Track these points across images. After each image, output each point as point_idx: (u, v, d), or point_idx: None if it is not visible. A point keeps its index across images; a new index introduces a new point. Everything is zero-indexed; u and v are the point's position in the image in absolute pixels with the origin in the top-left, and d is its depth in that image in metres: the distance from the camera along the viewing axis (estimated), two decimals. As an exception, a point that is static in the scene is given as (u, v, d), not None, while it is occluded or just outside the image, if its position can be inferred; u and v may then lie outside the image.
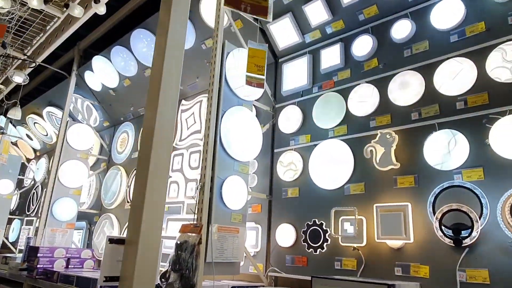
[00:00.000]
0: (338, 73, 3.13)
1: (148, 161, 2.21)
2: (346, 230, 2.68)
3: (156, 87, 2.40)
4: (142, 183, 2.20)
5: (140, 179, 2.24)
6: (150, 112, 2.36)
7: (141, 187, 2.20)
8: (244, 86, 3.13)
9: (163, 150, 2.39)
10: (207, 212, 2.74)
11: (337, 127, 3.00)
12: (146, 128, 2.34)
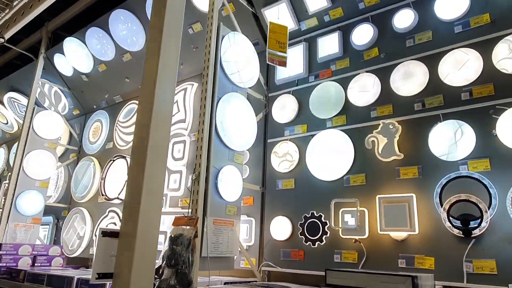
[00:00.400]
0: (336, 62, 3.05)
1: (146, 146, 2.01)
2: (347, 222, 2.60)
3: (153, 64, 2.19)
4: (138, 170, 2.00)
5: (136, 165, 2.03)
6: (147, 93, 2.16)
7: (138, 174, 2.00)
8: (239, 72, 2.98)
9: (162, 133, 2.20)
10: (202, 203, 2.57)
11: (335, 117, 2.92)
12: (143, 110, 2.13)
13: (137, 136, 2.08)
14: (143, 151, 2.02)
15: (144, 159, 2.00)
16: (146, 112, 2.09)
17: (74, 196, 4.94)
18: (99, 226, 4.42)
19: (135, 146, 2.07)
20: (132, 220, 1.94)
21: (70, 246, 4.67)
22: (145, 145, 2.04)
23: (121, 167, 4.43)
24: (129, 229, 1.94)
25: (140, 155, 2.03)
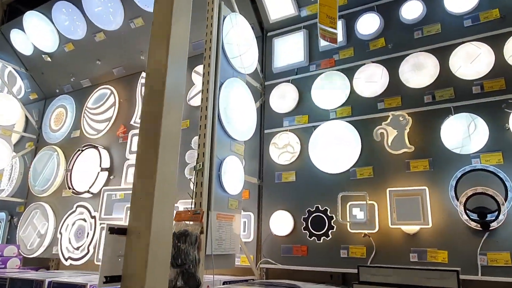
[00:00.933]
0: (339, 52, 2.95)
1: (158, 131, 1.77)
2: (355, 216, 2.52)
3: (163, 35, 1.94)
4: (150, 158, 1.76)
5: (147, 154, 1.79)
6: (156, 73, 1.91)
7: (150, 163, 1.76)
8: (241, 56, 2.78)
9: (175, 114, 1.96)
10: (207, 196, 2.35)
11: (340, 107, 2.82)
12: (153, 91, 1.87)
13: (147, 121, 1.83)
14: (155, 138, 1.78)
15: (157, 146, 1.76)
16: (157, 93, 1.85)
17: (33, 190, 4.43)
18: (65, 222, 3.99)
19: (145, 132, 1.82)
20: (144, 214, 1.70)
21: (29, 245, 4.18)
22: (158, 130, 1.79)
23: (92, 157, 4.03)
24: (141, 224, 1.70)
25: (152, 143, 1.79)
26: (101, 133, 4.13)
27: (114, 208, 3.70)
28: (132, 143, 3.84)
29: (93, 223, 3.78)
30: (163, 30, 1.92)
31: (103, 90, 4.33)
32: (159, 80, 1.88)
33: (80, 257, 3.72)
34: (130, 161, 3.77)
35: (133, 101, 4.03)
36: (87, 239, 3.75)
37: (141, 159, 1.79)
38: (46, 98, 4.98)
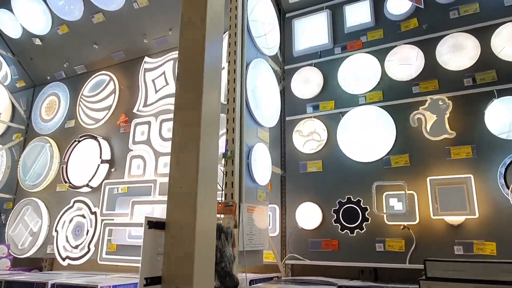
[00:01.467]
0: (367, 33, 2.77)
1: (198, 116, 1.55)
2: (393, 207, 2.36)
3: (199, 6, 1.72)
4: (191, 146, 1.54)
5: (187, 137, 1.57)
6: (193, 54, 1.69)
7: (191, 146, 1.54)
8: (266, 36, 2.56)
9: (214, 95, 1.74)
10: (238, 187, 2.13)
11: (370, 92, 2.65)
12: (189, 71, 1.65)
13: (184, 105, 1.61)
14: (195, 122, 1.56)
15: (198, 132, 1.54)
16: (195, 73, 1.63)
17: (23, 185, 4.09)
18: (61, 219, 3.68)
19: (183, 116, 1.60)
20: (187, 205, 1.48)
21: (20, 244, 3.85)
22: (198, 113, 1.57)
23: (90, 149, 3.73)
24: (183, 217, 1.48)
25: (191, 128, 1.56)
26: (100, 123, 3.83)
27: (117, 203, 3.42)
28: (135, 133, 3.56)
29: (94, 219, 3.49)
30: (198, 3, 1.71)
31: (101, 76, 4.01)
32: (197, 59, 1.67)
33: (80, 257, 3.43)
34: (134, 152, 3.49)
35: (135, 88, 3.75)
36: (87, 237, 3.46)
37: (180, 145, 1.57)
38: (35, 86, 4.61)
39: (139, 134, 3.55)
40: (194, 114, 1.57)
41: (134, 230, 3.20)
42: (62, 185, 3.88)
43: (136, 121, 3.60)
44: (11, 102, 4.49)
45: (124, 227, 3.23)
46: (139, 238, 3.15)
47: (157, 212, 3.18)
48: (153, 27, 3.61)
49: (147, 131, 3.50)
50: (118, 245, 3.28)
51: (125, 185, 3.43)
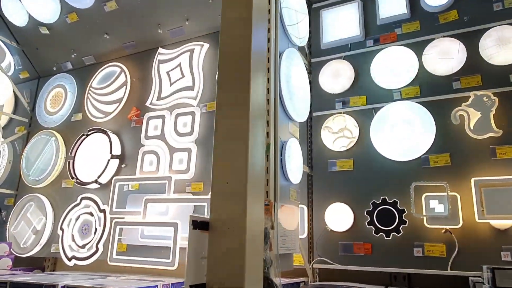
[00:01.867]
0: (402, 25, 2.62)
1: (247, 105, 1.40)
2: (433, 209, 2.20)
3: None
4: (238, 134, 1.39)
5: (234, 129, 1.41)
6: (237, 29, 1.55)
7: (238, 139, 1.38)
8: (298, 25, 2.40)
9: (261, 83, 1.59)
10: (273, 185, 1.97)
11: (406, 87, 2.50)
12: (234, 56, 1.51)
13: (229, 96, 1.46)
14: (243, 113, 1.40)
15: (246, 123, 1.39)
16: (242, 60, 1.48)
17: (27, 180, 3.89)
18: (67, 217, 3.49)
19: (227, 109, 1.44)
20: (235, 204, 1.31)
21: (23, 243, 3.65)
22: (246, 102, 1.41)
23: (99, 143, 3.54)
24: (230, 217, 1.31)
25: (239, 120, 1.41)
26: (110, 116, 3.65)
27: (128, 200, 3.24)
28: (148, 127, 3.38)
29: (103, 217, 3.30)
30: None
31: (112, 68, 3.83)
32: (244, 43, 1.52)
33: (87, 257, 3.24)
34: (146, 147, 3.31)
35: (148, 80, 3.57)
36: (95, 236, 3.27)
37: (226, 136, 1.40)
38: (39, 77, 4.41)
39: (152, 129, 3.37)
40: (242, 104, 1.41)
41: (147, 229, 3.02)
42: (68, 181, 3.68)
43: (149, 115, 3.42)
44: (14, 94, 4.28)
45: (136, 226, 3.05)
46: (153, 238, 2.97)
47: (172, 211, 3.00)
48: (168, 17, 3.44)
49: (160, 125, 3.32)
50: (129, 245, 3.10)
51: (137, 182, 3.25)
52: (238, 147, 1.35)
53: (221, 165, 1.36)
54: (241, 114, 1.39)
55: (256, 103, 1.46)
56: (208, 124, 3.13)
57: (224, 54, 1.52)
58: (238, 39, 1.52)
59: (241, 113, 1.39)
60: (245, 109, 1.40)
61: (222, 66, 1.50)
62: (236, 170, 1.33)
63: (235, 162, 1.34)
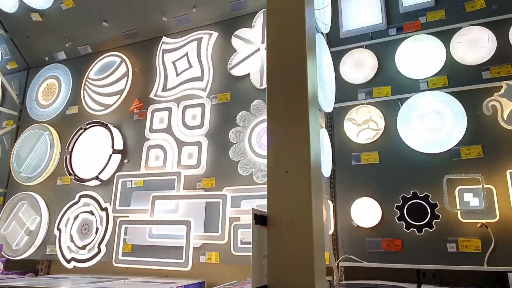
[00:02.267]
0: (426, 13, 2.53)
1: (304, 93, 1.28)
2: (468, 202, 2.12)
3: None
4: (298, 129, 1.25)
5: (291, 118, 1.28)
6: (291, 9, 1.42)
7: (297, 127, 1.25)
8: (325, 9, 2.28)
9: (314, 69, 1.46)
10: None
11: (433, 77, 2.41)
12: (287, 32, 1.38)
13: (283, 80, 1.33)
14: (302, 98, 1.28)
15: (306, 108, 1.26)
16: (297, 44, 1.36)
17: (17, 177, 3.63)
18: (64, 216, 3.25)
19: (284, 94, 1.31)
20: (297, 197, 1.17)
21: (15, 245, 3.39)
22: (304, 84, 1.29)
23: (99, 137, 3.33)
24: (292, 211, 1.18)
25: (298, 105, 1.28)
26: (110, 109, 3.43)
27: (133, 198, 3.04)
28: (153, 120, 3.19)
29: (105, 216, 3.09)
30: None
31: (111, 58, 3.61)
32: (298, 22, 1.39)
33: (88, 258, 3.03)
34: (152, 142, 3.13)
35: (152, 71, 3.38)
36: (97, 236, 3.06)
37: (283, 122, 1.27)
38: (29, 68, 4.13)
39: (158, 122, 3.18)
40: (300, 85, 1.28)
41: (155, 228, 2.84)
42: (65, 177, 3.45)
43: (154, 107, 3.22)
44: (2, 85, 3.99)
45: (144, 225, 2.86)
46: (162, 237, 2.80)
47: (182, 209, 2.83)
48: (174, 4, 3.25)
49: (167, 118, 3.14)
50: (134, 245, 2.91)
51: (142, 178, 3.05)
52: (298, 133, 1.21)
53: (278, 153, 1.22)
54: (300, 96, 1.26)
55: (312, 85, 1.33)
56: (218, 116, 2.97)
57: (275, 34, 1.38)
58: (291, 18, 1.38)
59: (300, 95, 1.26)
60: (304, 90, 1.27)
61: (273, 47, 1.37)
62: (297, 158, 1.19)
63: (295, 150, 1.20)
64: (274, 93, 1.29)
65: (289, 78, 1.29)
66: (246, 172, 2.71)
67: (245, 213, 2.61)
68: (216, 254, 2.65)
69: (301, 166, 1.17)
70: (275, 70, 1.33)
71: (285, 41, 1.35)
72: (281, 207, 1.16)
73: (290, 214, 1.15)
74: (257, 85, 2.86)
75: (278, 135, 1.23)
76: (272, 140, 1.24)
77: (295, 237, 1.12)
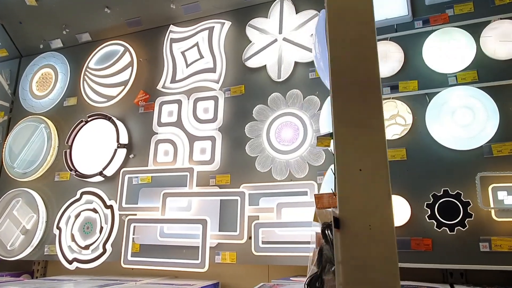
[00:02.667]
0: (454, 6, 2.46)
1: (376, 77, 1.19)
2: (502, 201, 2.06)
3: None
4: (372, 110, 1.15)
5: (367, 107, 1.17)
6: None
7: (374, 115, 1.14)
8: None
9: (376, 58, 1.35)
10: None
11: (461, 72, 2.34)
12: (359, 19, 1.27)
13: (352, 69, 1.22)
14: (374, 79, 1.18)
15: (379, 98, 1.16)
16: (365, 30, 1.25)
17: (11, 173, 3.40)
18: (64, 214, 3.06)
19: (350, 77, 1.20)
20: (377, 197, 1.07)
21: (9, 245, 3.17)
22: (375, 66, 1.19)
23: (102, 130, 3.14)
24: (377, 213, 1.07)
25: (371, 87, 1.17)
26: (113, 101, 3.24)
27: (140, 195, 2.88)
28: (161, 113, 3.02)
29: (110, 214, 2.92)
30: None
31: (113, 47, 3.41)
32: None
33: (92, 259, 2.86)
34: (160, 136, 2.96)
35: (158, 61, 3.20)
36: (102, 235, 2.89)
37: (353, 119, 1.15)
38: (21, 57, 3.88)
39: (166, 115, 3.02)
40: (370, 69, 1.17)
41: (167, 227, 2.69)
42: (63, 173, 3.25)
43: (162, 99, 3.06)
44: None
45: (155, 224, 2.71)
46: (175, 237, 2.65)
47: (195, 207, 2.69)
48: (184, -11, 3.08)
49: (176, 111, 2.98)
50: (142, 245, 2.75)
51: (151, 174, 2.89)
52: (373, 123, 1.10)
53: (348, 148, 1.11)
54: (372, 80, 1.15)
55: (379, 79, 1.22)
56: (233, 110, 2.84)
57: (338, 21, 1.26)
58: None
59: (371, 79, 1.15)
60: (375, 75, 1.16)
61: (332, 40, 1.25)
62: (372, 154, 1.08)
63: (370, 144, 1.09)
64: (340, 80, 1.18)
65: (358, 63, 1.18)
66: (264, 169, 2.59)
67: (264, 211, 2.49)
68: (232, 254, 2.52)
69: (377, 163, 1.06)
70: (340, 58, 1.21)
71: (351, 26, 1.24)
72: (357, 209, 1.05)
73: (367, 216, 1.04)
74: (274, 77, 2.74)
75: (348, 128, 1.12)
76: (340, 133, 1.13)
77: (374, 242, 1.01)
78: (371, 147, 1.08)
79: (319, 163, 2.49)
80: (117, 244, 2.82)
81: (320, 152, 2.49)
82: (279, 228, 2.38)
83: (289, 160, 2.54)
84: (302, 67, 2.72)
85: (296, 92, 2.66)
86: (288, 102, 2.66)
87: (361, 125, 1.11)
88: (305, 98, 2.63)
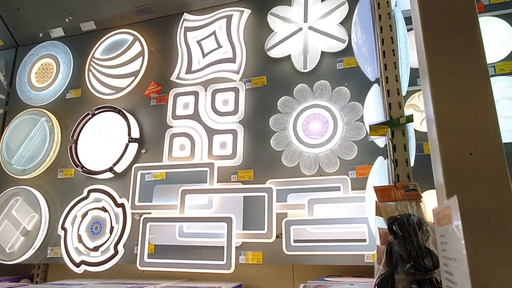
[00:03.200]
0: (489, -6, 2.39)
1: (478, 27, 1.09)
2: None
3: None
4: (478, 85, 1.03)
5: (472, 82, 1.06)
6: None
7: (481, 87, 1.03)
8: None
9: None
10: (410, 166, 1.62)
11: (500, 62, 2.26)
12: None
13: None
14: (478, 45, 1.07)
15: (485, 70, 1.06)
16: None
17: (9, 170, 3.15)
18: (70, 213, 2.84)
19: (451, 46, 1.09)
20: (497, 188, 0.94)
21: (8, 247, 2.93)
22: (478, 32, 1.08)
23: (110, 123, 2.94)
24: (494, 202, 0.94)
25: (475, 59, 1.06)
26: (122, 93, 3.04)
27: (155, 192, 2.70)
28: (176, 105, 2.85)
29: (121, 213, 2.72)
30: None
31: (121, 35, 3.21)
32: None
33: (103, 261, 2.65)
34: (175, 129, 2.79)
35: (172, 51, 3.02)
36: (112, 236, 2.69)
37: (459, 96, 1.03)
38: (18, 46, 3.63)
39: (181, 107, 2.84)
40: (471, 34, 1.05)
41: (187, 226, 2.51)
42: (67, 170, 3.03)
43: (176, 91, 2.88)
44: (-13, 65, 3.48)
45: (173, 223, 2.53)
46: (195, 236, 2.48)
47: (216, 204, 2.53)
48: (198, -24, 2.92)
49: (193, 103, 2.81)
50: (158, 245, 2.57)
51: (166, 169, 2.71)
52: (482, 104, 0.98)
53: (455, 130, 0.98)
54: (476, 48, 1.03)
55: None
56: (254, 102, 2.69)
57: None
58: None
59: (475, 47, 1.03)
60: (478, 42, 1.05)
61: (426, 24, 1.12)
62: (484, 135, 0.95)
63: (480, 124, 0.96)
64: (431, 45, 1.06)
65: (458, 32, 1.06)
66: (292, 163, 2.45)
67: (293, 208, 2.35)
68: (258, 254, 2.37)
69: (491, 146, 0.94)
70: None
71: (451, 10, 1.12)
72: (472, 197, 0.92)
73: (484, 205, 0.91)
74: (300, 68, 2.60)
75: (452, 106, 0.99)
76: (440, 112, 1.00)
77: (494, 235, 0.89)
78: (482, 127, 0.96)
79: (351, 157, 2.36)
80: (130, 245, 2.63)
81: (352, 145, 2.37)
82: (311, 225, 2.24)
83: (318, 154, 2.41)
84: (329, 57, 2.60)
85: (324, 83, 2.53)
86: (316, 94, 2.53)
87: (468, 103, 0.99)
88: (334, 90, 2.50)
